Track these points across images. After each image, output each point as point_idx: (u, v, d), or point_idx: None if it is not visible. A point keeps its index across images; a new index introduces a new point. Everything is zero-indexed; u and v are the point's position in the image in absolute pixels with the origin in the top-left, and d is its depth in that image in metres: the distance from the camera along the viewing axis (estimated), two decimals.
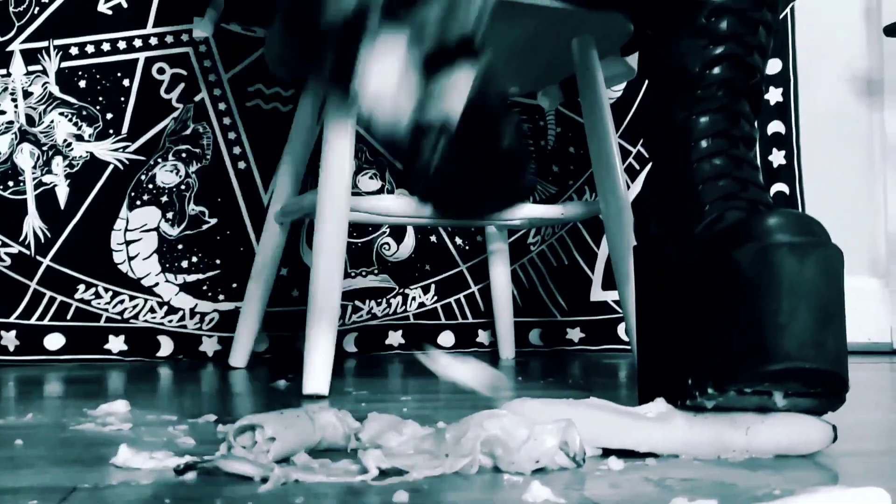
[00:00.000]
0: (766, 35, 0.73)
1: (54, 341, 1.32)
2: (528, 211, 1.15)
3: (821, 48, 1.62)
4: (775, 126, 1.58)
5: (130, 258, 1.34)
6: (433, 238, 1.48)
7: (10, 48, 1.31)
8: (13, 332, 1.29)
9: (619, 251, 1.09)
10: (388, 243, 1.46)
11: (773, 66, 1.58)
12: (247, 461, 0.53)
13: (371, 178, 1.45)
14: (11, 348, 1.29)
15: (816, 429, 0.60)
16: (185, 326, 1.36)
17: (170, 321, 1.36)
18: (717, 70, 0.71)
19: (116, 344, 1.34)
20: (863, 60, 1.65)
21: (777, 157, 1.58)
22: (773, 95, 1.58)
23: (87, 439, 0.67)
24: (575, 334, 1.53)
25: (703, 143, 0.70)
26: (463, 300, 1.49)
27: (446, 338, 1.48)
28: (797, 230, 0.59)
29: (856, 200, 1.64)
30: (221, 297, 1.37)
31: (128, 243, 1.34)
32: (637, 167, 1.55)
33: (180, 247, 1.36)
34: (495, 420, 0.54)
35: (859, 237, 1.63)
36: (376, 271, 1.45)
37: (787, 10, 1.59)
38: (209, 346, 1.37)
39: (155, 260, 1.35)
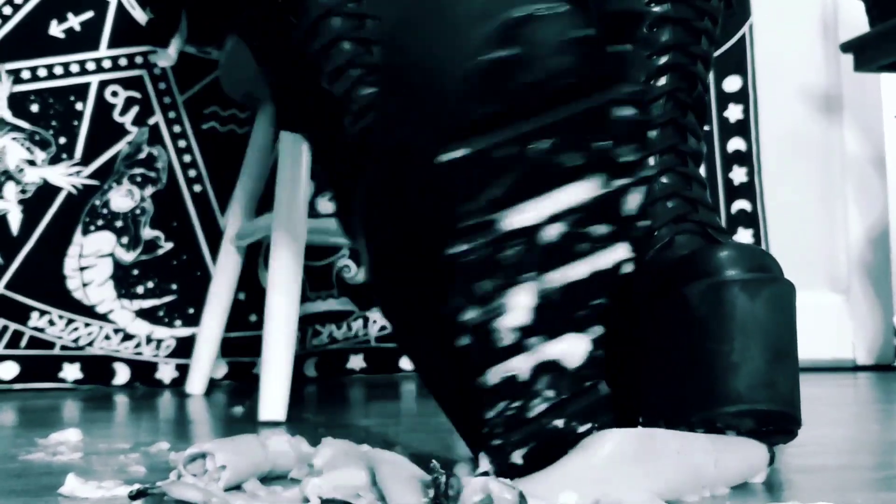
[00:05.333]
0: (709, 45, 0.72)
1: (8, 370, 1.29)
2: None
3: (780, 65, 1.63)
4: (736, 143, 1.59)
5: (85, 284, 1.32)
6: None
7: None
8: None
9: None
10: (348, 265, 1.44)
11: (733, 84, 1.60)
12: (194, 487, 0.52)
13: (330, 199, 1.44)
14: None
15: (760, 451, 0.58)
16: (141, 353, 1.34)
17: (125, 348, 1.33)
18: (661, 81, 0.69)
19: (71, 372, 1.32)
20: (821, 77, 1.66)
21: (738, 175, 1.59)
22: (734, 113, 1.59)
23: (36, 469, 0.66)
24: None
25: (650, 160, 0.67)
26: None
27: (409, 362, 1.46)
28: (749, 265, 0.58)
29: (816, 216, 1.65)
30: (178, 322, 1.35)
31: (82, 269, 1.32)
32: None
33: (135, 272, 1.34)
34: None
35: (820, 253, 1.64)
36: (336, 294, 1.44)
37: (746, 27, 1.60)
38: (166, 372, 1.35)
39: (110, 286, 1.33)
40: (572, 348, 0.52)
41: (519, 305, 0.50)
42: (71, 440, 0.78)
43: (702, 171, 0.76)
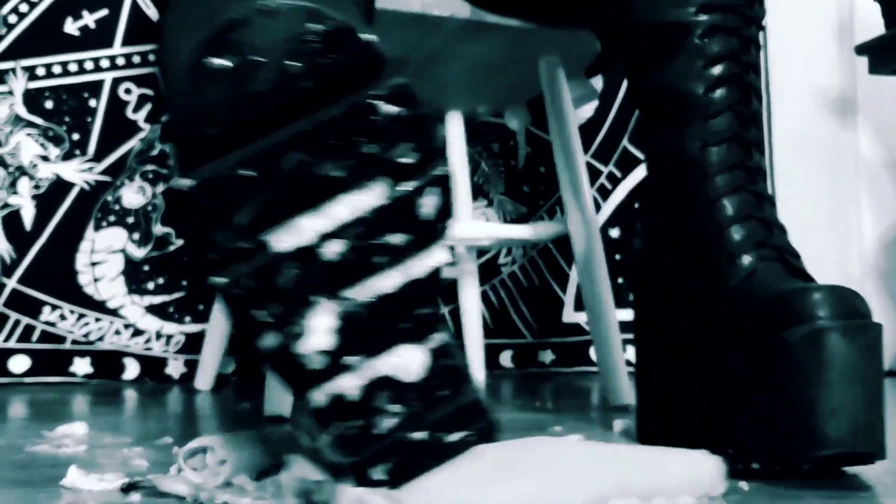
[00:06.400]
0: (756, 53, 0.71)
1: (19, 363, 1.30)
2: (496, 231, 1.14)
3: (793, 66, 1.63)
4: None
5: (96, 280, 1.33)
6: None
7: None
8: None
9: (585, 271, 1.08)
10: None
11: None
12: (182, 481, 0.53)
13: None
14: None
15: (710, 465, 0.57)
16: (150, 349, 1.35)
17: (135, 343, 1.34)
18: (720, 93, 0.68)
19: (82, 366, 1.32)
20: (835, 79, 1.66)
21: None
22: None
23: (41, 461, 0.67)
24: (546, 356, 1.52)
25: (720, 178, 0.67)
26: None
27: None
28: (845, 309, 0.59)
29: (829, 218, 1.64)
30: (188, 318, 1.36)
31: (93, 265, 1.33)
32: (609, 187, 1.55)
33: (146, 268, 1.35)
34: None
35: (833, 255, 1.63)
36: None
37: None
38: (175, 368, 1.35)
39: (121, 282, 1.34)
40: (406, 362, 0.49)
41: (320, 327, 0.48)
42: (77, 433, 0.80)
43: None
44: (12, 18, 1.32)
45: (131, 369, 1.34)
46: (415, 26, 1.03)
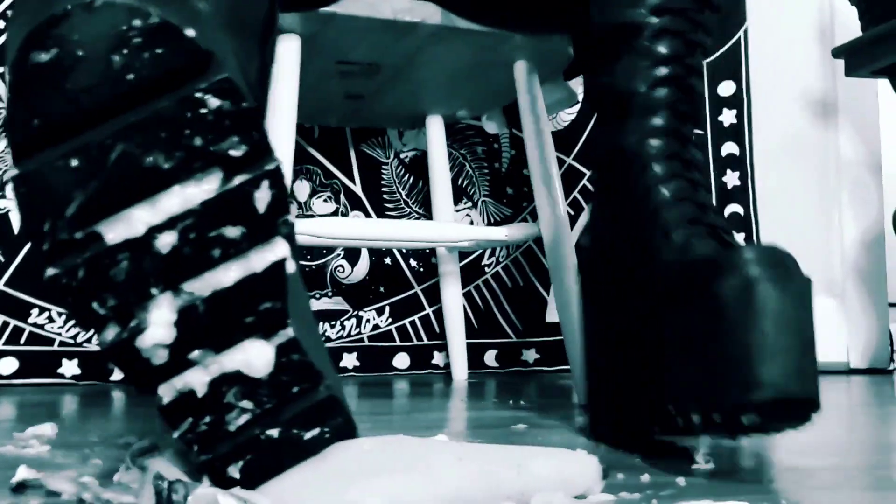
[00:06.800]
0: (702, 58, 0.74)
1: (7, 365, 1.32)
2: (472, 233, 1.16)
3: (774, 70, 1.64)
4: (729, 147, 1.60)
5: None
6: (387, 260, 1.49)
7: None
8: None
9: (556, 272, 1.10)
10: (342, 266, 1.46)
11: (727, 89, 1.60)
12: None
13: (325, 200, 1.46)
14: None
15: (586, 464, 0.56)
16: None
17: None
18: (662, 92, 0.71)
19: (70, 368, 1.34)
20: (817, 82, 1.67)
21: (731, 179, 1.59)
22: (727, 117, 1.60)
23: (2, 462, 0.67)
24: (530, 355, 1.54)
25: (658, 167, 0.70)
26: (418, 322, 1.50)
27: (401, 360, 1.48)
28: (774, 262, 0.61)
29: (811, 221, 1.65)
30: None
31: None
32: (592, 189, 1.56)
33: None
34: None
35: (815, 257, 1.64)
36: (330, 294, 1.46)
37: (741, 32, 1.61)
38: None
39: None
40: (252, 357, 0.48)
41: (159, 321, 0.47)
42: (46, 434, 0.79)
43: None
44: None
45: (119, 371, 1.35)
46: (387, 31, 1.05)
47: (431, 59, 1.13)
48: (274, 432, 0.50)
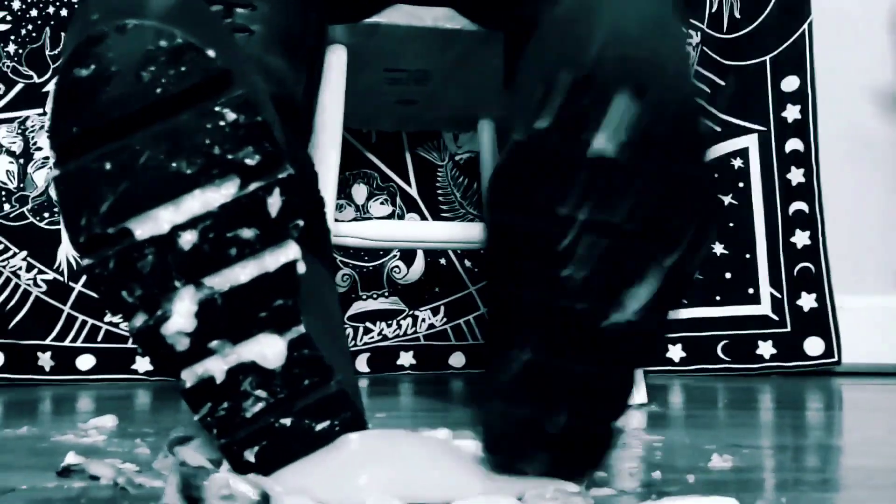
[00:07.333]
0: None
1: (85, 362, 1.39)
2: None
3: (841, 63, 1.60)
4: (793, 144, 1.57)
5: None
6: (443, 261, 1.52)
7: (45, 88, 1.40)
8: (48, 354, 1.38)
9: None
10: (398, 266, 1.50)
11: (791, 84, 1.58)
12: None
13: (382, 203, 1.50)
14: (47, 368, 1.37)
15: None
16: None
17: None
18: None
19: (143, 364, 1.41)
20: (886, 75, 1.62)
21: (796, 175, 1.57)
22: (792, 112, 1.57)
23: (58, 449, 0.73)
24: None
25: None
26: (472, 321, 1.52)
27: (457, 359, 1.51)
28: None
29: (877, 218, 1.61)
30: None
31: None
32: None
33: None
34: None
35: (882, 255, 1.60)
36: (387, 294, 1.50)
37: (805, 25, 1.57)
38: None
39: None
40: (266, 350, 0.53)
41: (182, 311, 0.51)
42: (105, 425, 0.85)
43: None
44: None
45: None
46: (431, 39, 1.07)
47: (479, 63, 1.15)
48: (287, 421, 0.54)
